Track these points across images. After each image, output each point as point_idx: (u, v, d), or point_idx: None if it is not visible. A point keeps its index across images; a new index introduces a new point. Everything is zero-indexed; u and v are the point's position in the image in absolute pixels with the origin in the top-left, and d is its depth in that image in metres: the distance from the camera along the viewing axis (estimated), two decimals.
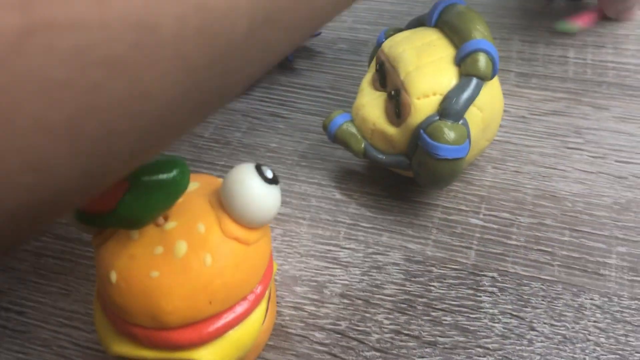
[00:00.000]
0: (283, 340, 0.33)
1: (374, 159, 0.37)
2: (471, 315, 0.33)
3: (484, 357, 0.31)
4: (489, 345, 0.32)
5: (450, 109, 0.33)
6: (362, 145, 0.38)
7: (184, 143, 0.45)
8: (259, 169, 0.27)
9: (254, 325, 0.29)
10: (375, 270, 0.36)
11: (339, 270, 0.36)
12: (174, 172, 0.25)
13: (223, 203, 0.27)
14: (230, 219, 0.27)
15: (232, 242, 0.27)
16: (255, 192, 0.26)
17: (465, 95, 0.34)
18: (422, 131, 0.34)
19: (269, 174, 0.27)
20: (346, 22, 0.56)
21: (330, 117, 0.39)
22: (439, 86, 0.34)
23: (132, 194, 0.24)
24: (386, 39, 0.40)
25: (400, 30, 0.41)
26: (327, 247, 0.37)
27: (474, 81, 0.34)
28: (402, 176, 0.40)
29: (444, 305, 0.34)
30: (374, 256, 0.36)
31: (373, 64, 0.40)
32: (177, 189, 0.25)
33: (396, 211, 0.39)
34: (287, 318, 0.34)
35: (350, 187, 0.41)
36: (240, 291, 0.28)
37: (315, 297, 0.35)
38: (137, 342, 0.28)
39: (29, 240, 0.39)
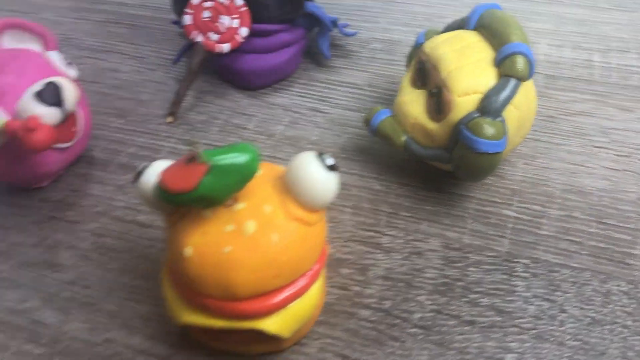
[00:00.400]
0: (332, 317, 0.36)
1: (414, 152, 0.40)
2: (506, 298, 0.36)
3: (519, 335, 0.34)
4: (524, 325, 0.35)
5: (490, 106, 0.36)
6: (403, 139, 0.40)
7: (231, 135, 0.48)
8: (320, 156, 0.29)
9: (311, 300, 0.32)
10: (415, 256, 0.38)
11: (381, 254, 0.39)
12: (247, 157, 0.27)
13: (287, 187, 0.30)
14: (293, 202, 0.30)
15: (295, 223, 0.30)
16: (317, 177, 0.29)
17: (504, 94, 0.36)
18: (462, 127, 0.36)
19: (329, 162, 0.30)
20: (380, 23, 0.59)
21: (372, 112, 0.42)
22: (479, 85, 0.37)
23: (211, 175, 0.27)
24: (425, 40, 0.43)
25: (438, 32, 0.43)
26: (369, 233, 0.40)
27: (512, 81, 0.37)
28: (438, 169, 0.42)
29: (481, 289, 0.36)
30: (413, 243, 0.39)
31: (413, 63, 0.42)
32: (249, 172, 0.28)
33: (433, 202, 0.42)
34: (335, 297, 0.36)
35: (389, 178, 0.43)
36: (301, 267, 0.30)
37: (360, 278, 0.37)
38: (207, 312, 0.30)
39: (89, 222, 0.42)
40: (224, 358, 0.34)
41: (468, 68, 0.37)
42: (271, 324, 0.30)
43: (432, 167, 0.42)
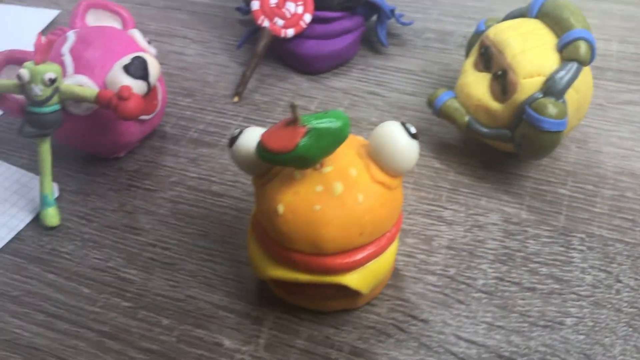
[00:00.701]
0: (400, 281, 0.38)
1: (476, 132, 0.42)
2: (564, 268, 0.38)
3: (578, 301, 0.36)
4: (582, 293, 0.37)
5: (554, 88, 0.38)
6: (466, 119, 0.43)
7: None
8: (404, 125, 0.32)
9: (388, 260, 0.34)
10: (476, 228, 0.41)
11: (443, 226, 0.41)
12: (341, 122, 0.30)
13: (371, 152, 0.32)
14: (376, 167, 0.32)
15: (378, 186, 0.32)
16: (401, 143, 0.32)
17: (567, 77, 0.39)
18: (527, 107, 0.39)
19: (413, 130, 0.32)
20: (432, 14, 0.61)
21: (435, 94, 0.44)
22: (543, 68, 0.39)
23: (308, 137, 0.29)
24: (486, 27, 0.45)
25: (498, 20, 0.46)
26: (431, 207, 0.42)
27: (575, 65, 0.39)
28: (495, 150, 0.45)
29: (540, 259, 0.39)
30: (474, 216, 0.41)
31: (475, 49, 0.45)
32: (342, 136, 0.30)
33: (491, 180, 0.44)
34: (402, 263, 0.39)
35: (448, 158, 0.46)
36: (382, 228, 0.33)
37: (424, 247, 0.40)
38: (293, 267, 0.33)
39: (165, 190, 0.45)
40: (300, 314, 0.36)
41: (532, 52, 0.40)
42: (352, 280, 0.33)
43: (490, 148, 0.45)
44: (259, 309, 0.37)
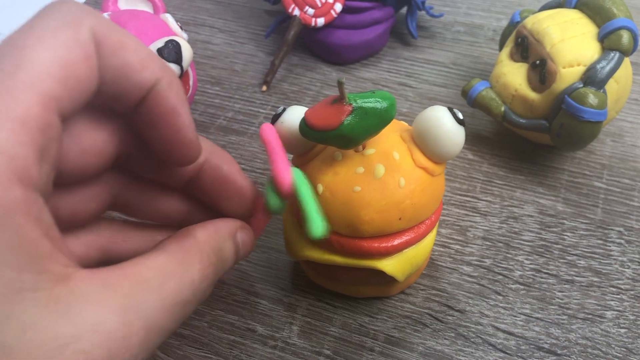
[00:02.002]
0: (435, 271, 0.37)
1: (513, 122, 0.42)
2: (603, 261, 0.37)
3: (617, 295, 0.36)
4: (621, 286, 0.36)
5: (595, 77, 0.38)
6: (502, 109, 0.42)
7: None
8: (451, 110, 0.31)
9: (425, 248, 0.34)
10: (512, 220, 0.40)
11: (478, 217, 0.40)
12: (387, 103, 0.29)
13: (416, 137, 0.32)
14: (420, 152, 0.32)
15: (421, 171, 0.31)
16: (448, 128, 0.31)
17: (609, 67, 0.38)
18: (567, 96, 0.38)
19: (460, 116, 0.31)
20: (461, 8, 0.60)
21: (470, 84, 0.44)
22: (583, 58, 0.39)
23: (354, 116, 0.29)
24: (521, 19, 0.45)
25: (533, 12, 0.45)
26: (466, 198, 0.42)
27: (617, 55, 0.38)
28: (528, 142, 0.44)
29: (577, 252, 0.38)
30: (509, 208, 0.41)
31: (510, 39, 0.44)
32: (388, 117, 0.29)
33: (526, 172, 0.43)
34: (437, 253, 0.38)
35: (481, 149, 0.45)
36: (422, 214, 0.32)
37: (459, 238, 0.39)
38: (329, 248, 0.32)
39: None
40: (334, 302, 0.36)
41: (572, 41, 0.39)
42: (388, 265, 0.32)
43: (523, 140, 0.44)
44: (292, 296, 0.37)
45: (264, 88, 0.51)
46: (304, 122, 0.29)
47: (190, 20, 0.61)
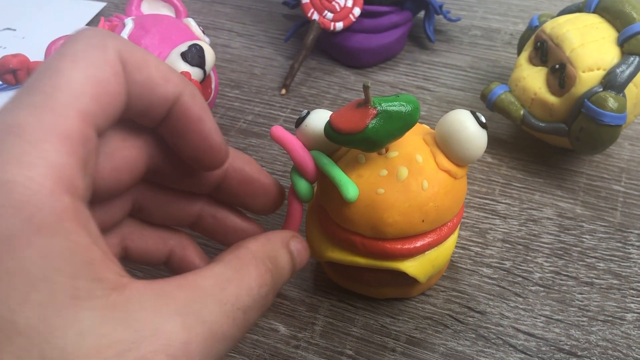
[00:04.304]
0: (455, 273, 0.38)
1: (532, 126, 0.42)
2: (622, 264, 0.38)
3: (637, 297, 0.36)
4: None
5: (615, 81, 0.38)
6: (521, 113, 0.42)
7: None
8: (474, 113, 0.32)
9: (447, 250, 0.34)
10: (531, 222, 0.40)
11: (498, 220, 0.41)
12: (412, 106, 0.30)
13: (439, 140, 0.32)
14: (442, 154, 0.32)
15: (444, 174, 0.32)
16: (471, 132, 0.31)
17: (628, 71, 0.38)
18: (586, 100, 0.38)
19: (483, 119, 0.32)
20: (478, 12, 0.61)
21: (489, 87, 0.44)
22: (603, 62, 0.39)
23: (378, 120, 0.29)
24: (540, 23, 0.45)
25: (552, 16, 0.45)
26: (485, 201, 0.42)
27: (637, 59, 0.39)
28: (546, 145, 0.44)
29: (597, 254, 0.38)
30: (528, 211, 0.41)
31: (529, 43, 0.44)
32: (412, 120, 0.30)
33: (544, 175, 0.44)
34: (457, 255, 0.39)
35: (500, 152, 0.46)
36: (444, 216, 0.32)
37: (479, 240, 0.39)
38: (352, 249, 0.33)
39: None
40: (355, 302, 0.36)
41: (592, 46, 0.39)
42: (411, 267, 0.33)
43: (541, 143, 0.44)
44: (314, 297, 0.37)
45: (283, 91, 0.52)
46: (330, 125, 0.30)
47: (210, 24, 0.62)
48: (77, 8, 0.65)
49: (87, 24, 0.63)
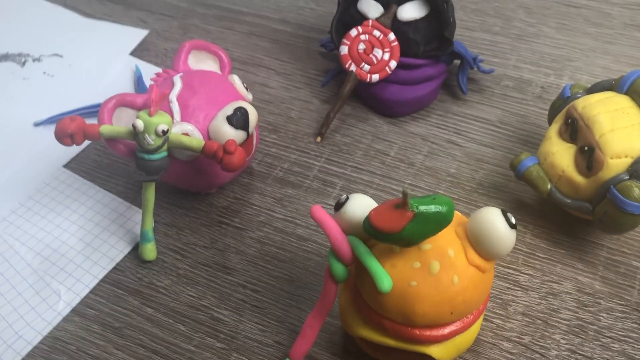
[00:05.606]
0: (477, 345, 0.40)
1: (558, 201, 0.44)
2: (636, 346, 0.40)
3: None
4: None
5: None
6: (548, 187, 0.44)
7: (373, 159, 0.53)
8: (505, 214, 0.34)
9: (472, 335, 0.36)
10: (551, 296, 0.42)
11: (520, 292, 0.43)
12: (447, 208, 0.32)
13: (469, 236, 0.34)
14: (472, 249, 0.34)
15: (473, 269, 0.34)
16: (501, 232, 0.34)
17: None
18: (612, 187, 0.40)
19: (513, 220, 0.34)
20: (510, 60, 0.62)
21: (519, 158, 0.46)
22: (632, 150, 0.41)
23: (415, 222, 0.31)
24: (571, 94, 0.46)
25: (584, 87, 0.47)
26: (508, 270, 0.44)
27: None
28: (572, 215, 0.46)
29: (612, 334, 0.40)
30: (549, 284, 0.43)
31: (560, 115, 0.46)
32: (446, 221, 0.32)
33: (566, 245, 0.46)
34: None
35: (525, 218, 0.47)
36: (472, 308, 0.35)
37: (501, 312, 0.42)
38: (383, 331, 0.35)
39: (254, 229, 0.47)
40: None
41: (622, 132, 0.41)
42: (437, 351, 0.35)
43: (567, 212, 0.46)
44: None
45: (319, 139, 0.54)
46: (369, 223, 0.32)
47: (248, 59, 0.64)
48: (121, 34, 0.67)
49: (130, 53, 0.65)
